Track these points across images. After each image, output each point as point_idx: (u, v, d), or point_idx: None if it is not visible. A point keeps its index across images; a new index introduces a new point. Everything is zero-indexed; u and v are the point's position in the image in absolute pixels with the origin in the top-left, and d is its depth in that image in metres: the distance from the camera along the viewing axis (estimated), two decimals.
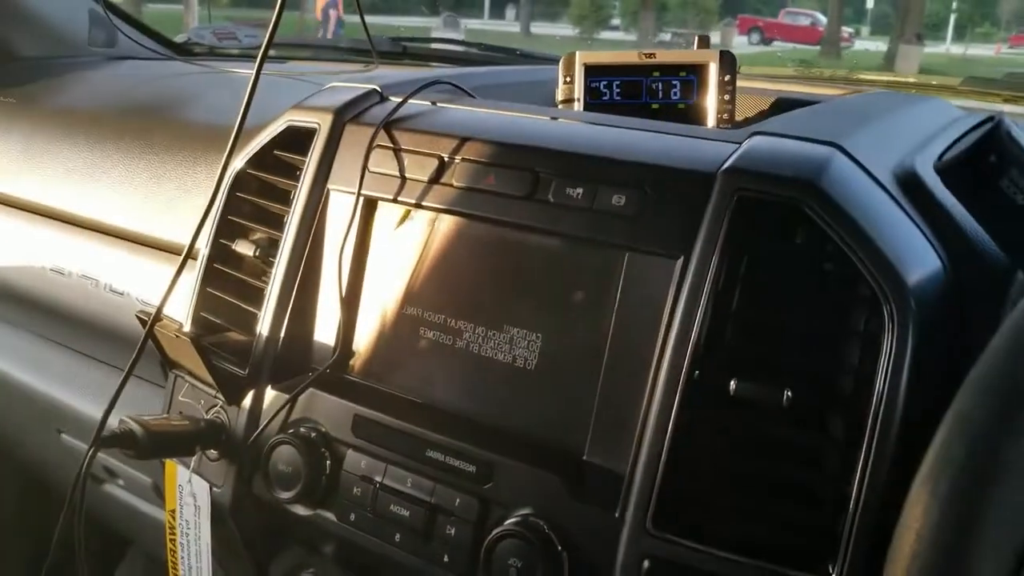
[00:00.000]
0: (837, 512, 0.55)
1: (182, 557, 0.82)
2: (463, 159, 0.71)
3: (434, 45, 1.52)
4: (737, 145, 0.63)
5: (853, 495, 0.55)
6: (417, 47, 1.47)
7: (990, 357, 0.37)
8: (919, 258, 0.58)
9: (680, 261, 0.61)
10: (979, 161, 0.54)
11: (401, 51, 1.45)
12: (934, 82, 1.16)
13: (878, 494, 0.54)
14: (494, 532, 0.63)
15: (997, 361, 0.36)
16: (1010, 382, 0.35)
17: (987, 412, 0.35)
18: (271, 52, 0.75)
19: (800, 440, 0.57)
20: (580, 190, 0.65)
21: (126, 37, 1.48)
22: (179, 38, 1.59)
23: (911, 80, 1.17)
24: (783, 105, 0.90)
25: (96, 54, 1.46)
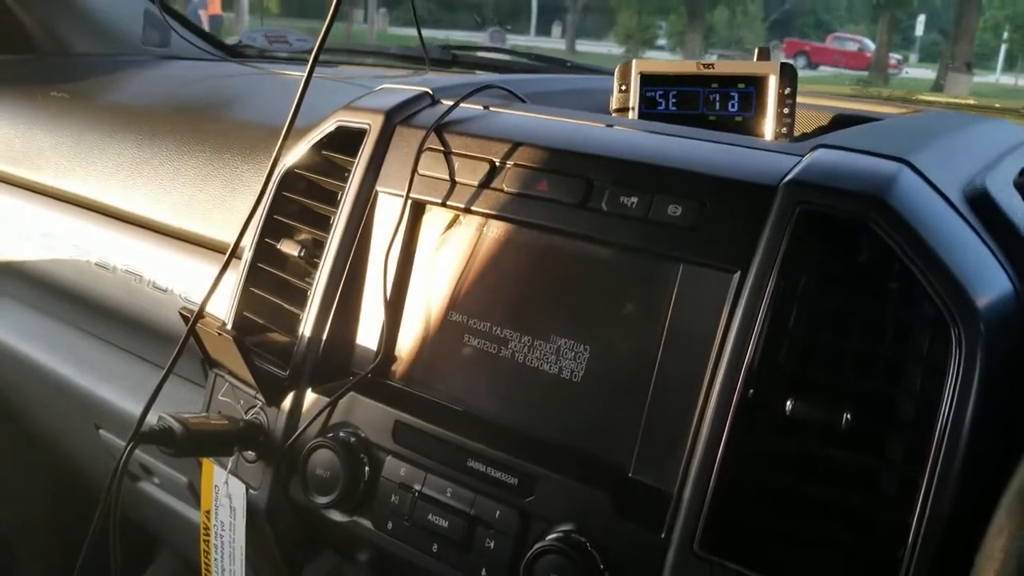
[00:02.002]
0: (895, 540, 0.53)
1: (215, 559, 0.81)
2: (515, 164, 0.69)
3: (483, 54, 1.51)
4: (799, 157, 0.61)
5: (914, 525, 0.52)
6: (466, 55, 1.46)
7: None
8: (989, 280, 0.56)
9: (737, 275, 0.59)
10: None
11: (451, 59, 1.44)
12: (996, 104, 1.12)
13: (941, 524, 0.52)
14: (535, 547, 0.61)
15: None
16: None
17: None
18: (322, 57, 0.74)
19: (858, 464, 0.55)
20: (635, 199, 0.64)
21: (179, 37, 1.49)
22: (230, 40, 1.61)
23: (972, 102, 1.14)
24: (843, 121, 0.87)
25: (149, 53, 1.48)
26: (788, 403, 0.56)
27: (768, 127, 0.81)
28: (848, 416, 0.54)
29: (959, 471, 0.52)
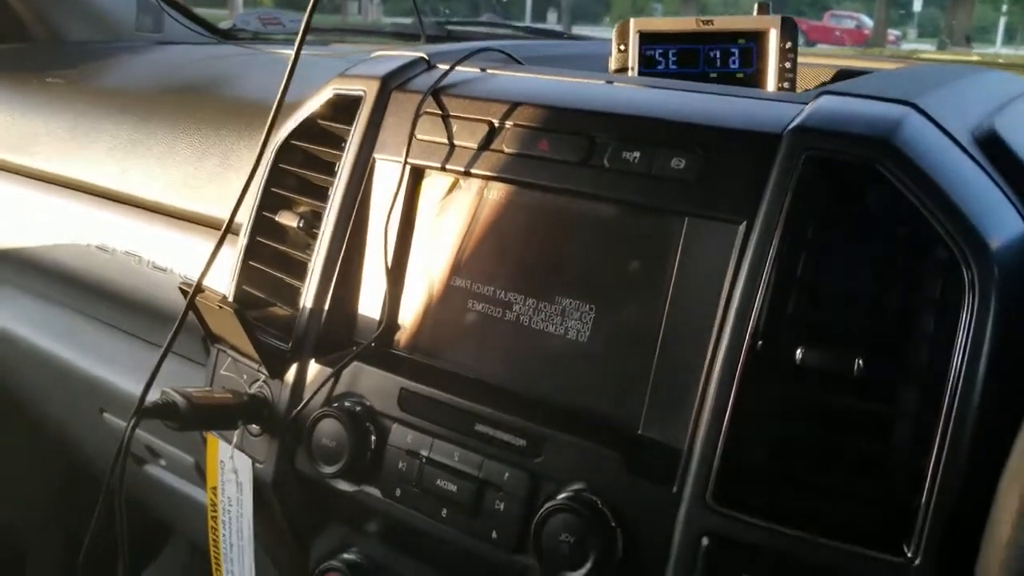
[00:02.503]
0: (911, 488, 0.52)
1: (223, 535, 0.80)
2: (514, 125, 0.68)
3: (479, 28, 1.50)
4: (803, 105, 0.60)
5: (930, 472, 0.51)
6: (462, 30, 1.45)
7: None
8: (1001, 220, 0.55)
9: (743, 226, 0.58)
10: None
11: (445, 35, 1.43)
12: (1000, 60, 1.11)
13: (957, 471, 0.51)
14: (545, 507, 0.60)
15: None
16: None
17: None
18: (315, 36, 0.73)
19: (871, 412, 0.54)
20: (637, 154, 0.63)
21: (173, 22, 1.48)
22: (224, 24, 1.59)
23: (975, 59, 1.13)
24: (846, 75, 0.86)
25: (143, 39, 1.47)
26: (798, 352, 0.55)
27: (770, 82, 0.79)
28: (860, 363, 0.53)
29: (975, 414, 0.51)
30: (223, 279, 0.80)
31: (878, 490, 0.54)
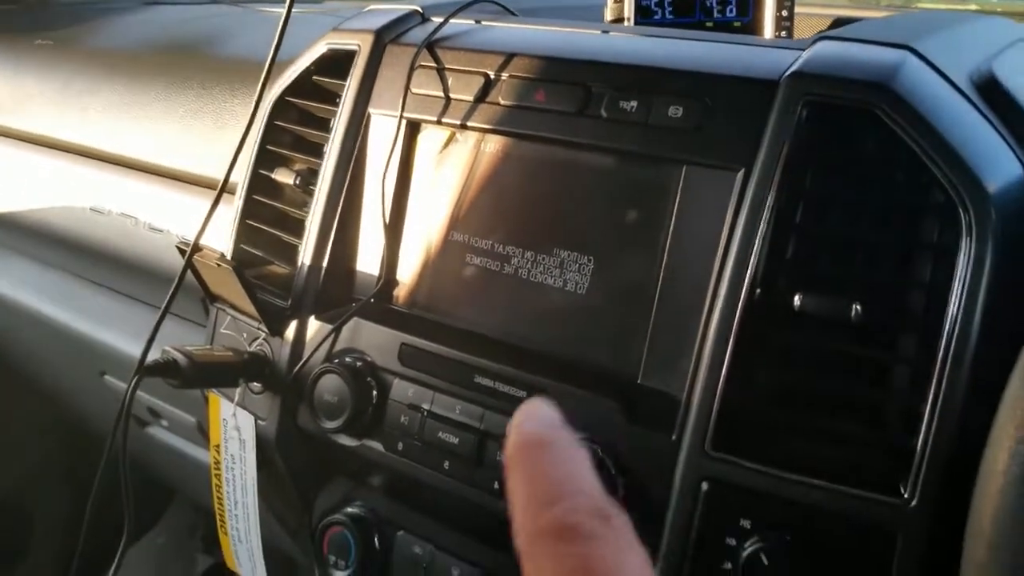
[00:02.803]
0: (908, 432, 0.53)
1: (228, 492, 0.81)
2: (510, 76, 0.68)
3: None
4: (801, 51, 0.60)
5: (926, 415, 0.52)
6: None
7: None
8: (999, 164, 0.55)
9: (741, 173, 0.58)
10: None
11: None
12: (999, 9, 1.10)
13: (953, 414, 0.51)
14: None
15: None
16: None
17: None
18: None
19: (869, 356, 0.54)
20: (634, 103, 0.62)
21: None
22: None
23: (973, 8, 1.12)
24: (843, 24, 0.85)
25: None
26: (796, 298, 0.55)
27: (767, 31, 0.79)
28: (858, 308, 0.53)
29: (971, 357, 0.51)
30: (221, 239, 0.80)
31: (875, 433, 0.54)
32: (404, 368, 0.69)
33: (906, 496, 0.51)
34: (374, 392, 0.70)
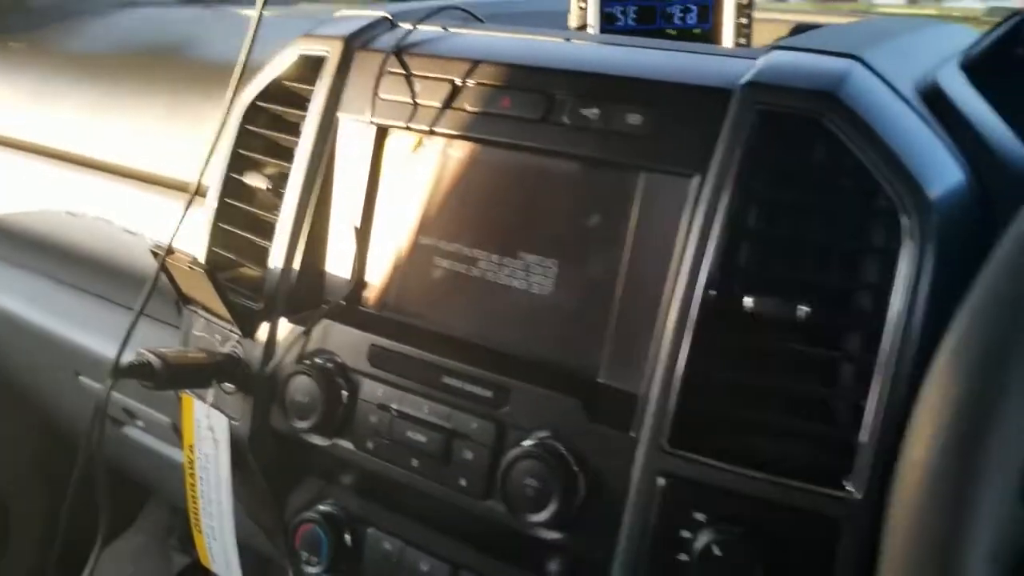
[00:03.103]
0: (853, 427, 0.55)
1: (202, 491, 0.82)
2: (476, 83, 0.70)
3: None
4: (754, 60, 0.62)
5: (870, 411, 0.54)
6: None
7: (1012, 238, 0.36)
8: (941, 171, 0.57)
9: (696, 179, 0.60)
10: (1005, 55, 0.52)
11: None
12: (955, 13, 1.13)
13: (895, 410, 0.53)
14: (510, 454, 0.63)
15: (1020, 240, 0.36)
16: None
17: (1010, 292, 0.35)
18: None
19: (816, 355, 0.57)
20: (596, 111, 0.64)
21: None
22: None
23: (933, 12, 1.15)
24: (802, 30, 0.88)
25: (106, 2, 1.45)
26: (748, 300, 0.57)
27: (727, 38, 0.81)
28: (805, 309, 0.56)
29: (913, 358, 0.53)
30: (194, 241, 0.82)
31: (824, 429, 0.56)
32: (374, 369, 0.71)
33: (851, 489, 0.54)
34: (344, 392, 0.71)
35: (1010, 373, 0.33)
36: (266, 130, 0.81)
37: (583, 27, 0.83)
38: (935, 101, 0.61)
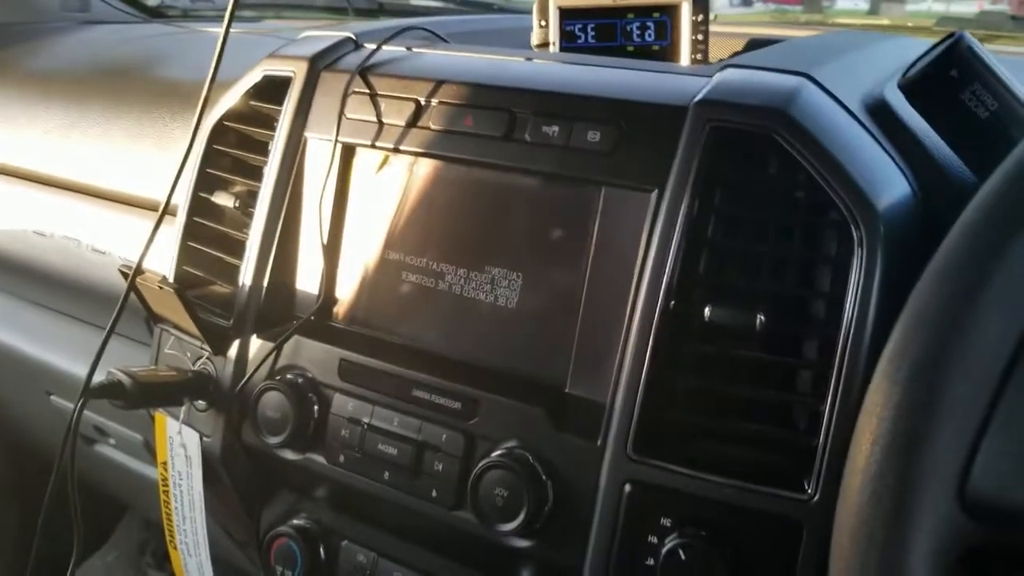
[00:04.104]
0: (811, 431, 0.57)
1: (176, 508, 0.83)
2: (439, 102, 0.71)
3: (411, 1, 1.51)
4: (709, 78, 0.64)
5: (825, 415, 0.56)
6: (393, 3, 1.46)
7: (943, 253, 0.38)
8: (888, 183, 0.59)
9: (655, 194, 0.62)
10: (941, 76, 0.55)
11: (377, 7, 1.44)
12: (909, 24, 1.16)
13: (849, 413, 0.55)
14: (480, 465, 0.64)
15: (950, 256, 0.38)
16: (960, 272, 0.37)
17: (941, 302, 0.37)
18: (245, 12, 0.75)
19: (773, 363, 0.59)
20: (556, 128, 0.66)
21: (99, 1, 1.47)
22: (152, 1, 1.58)
23: (886, 23, 1.18)
24: (756, 45, 0.90)
25: (70, 19, 1.45)
26: (707, 310, 0.59)
27: (684, 54, 0.83)
28: (762, 318, 0.58)
29: (865, 363, 0.56)
30: (163, 259, 0.82)
31: (783, 434, 0.58)
32: (344, 383, 0.72)
33: (810, 492, 0.56)
34: (315, 407, 0.72)
35: (944, 380, 0.35)
36: (233, 149, 0.82)
37: (545, 45, 0.85)
38: (882, 116, 0.63)
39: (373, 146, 0.74)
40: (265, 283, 0.77)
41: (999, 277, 0.35)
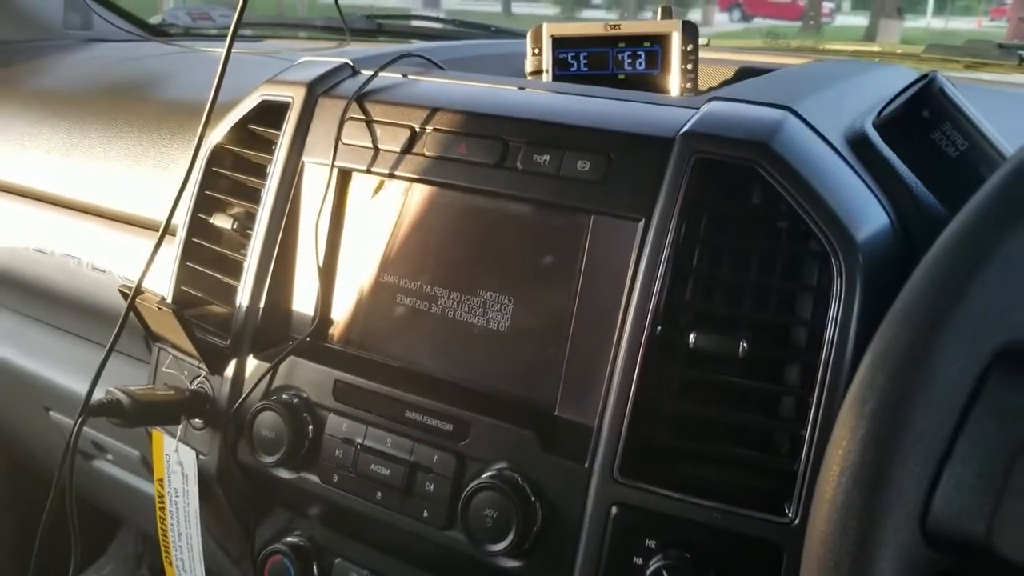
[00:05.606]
0: (792, 456, 0.58)
1: (172, 524, 0.84)
2: (434, 129, 0.73)
3: (407, 23, 1.53)
4: (695, 110, 0.66)
5: (806, 441, 0.58)
6: (392, 24, 1.48)
7: (907, 292, 0.40)
8: (867, 215, 0.61)
9: (642, 223, 0.64)
10: (913, 117, 0.56)
11: (376, 28, 1.46)
12: (898, 51, 1.18)
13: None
14: (471, 486, 0.65)
15: (913, 295, 0.39)
16: (923, 315, 0.38)
17: (904, 341, 0.38)
18: (245, 32, 0.77)
19: (756, 388, 0.60)
20: (547, 157, 0.68)
21: (101, 19, 1.49)
22: (154, 20, 1.60)
23: (875, 49, 1.20)
24: (745, 74, 0.92)
25: (72, 37, 1.47)
26: (692, 336, 0.61)
27: (674, 83, 0.85)
28: (745, 345, 0.59)
29: (844, 389, 0.57)
30: (162, 279, 0.84)
31: (764, 459, 0.60)
32: (338, 404, 0.73)
33: (790, 516, 0.57)
34: (310, 427, 0.74)
35: (906, 415, 0.37)
36: (232, 172, 0.83)
37: (538, 72, 0.86)
38: (862, 149, 0.65)
39: (369, 171, 0.75)
40: (262, 304, 0.79)
41: (960, 316, 0.37)
